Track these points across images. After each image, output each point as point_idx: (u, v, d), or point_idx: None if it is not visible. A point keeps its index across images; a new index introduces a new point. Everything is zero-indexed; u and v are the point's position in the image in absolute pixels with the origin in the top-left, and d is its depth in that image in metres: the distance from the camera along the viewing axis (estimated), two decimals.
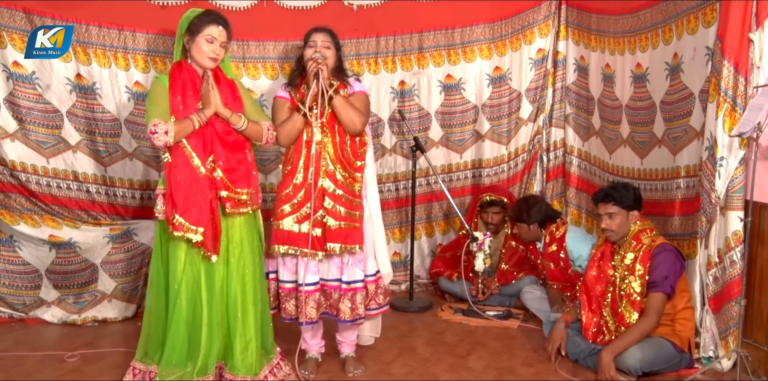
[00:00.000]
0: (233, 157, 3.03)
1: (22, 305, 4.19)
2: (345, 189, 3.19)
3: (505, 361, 3.55)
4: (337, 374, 3.40)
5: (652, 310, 3.26)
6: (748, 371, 3.17)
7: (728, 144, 3.25)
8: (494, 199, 4.52)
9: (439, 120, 4.81)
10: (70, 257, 4.16)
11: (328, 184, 3.17)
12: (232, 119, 3.00)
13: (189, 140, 2.92)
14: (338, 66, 3.31)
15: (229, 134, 3.02)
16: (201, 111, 2.94)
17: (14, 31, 3.96)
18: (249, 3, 4.29)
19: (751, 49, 3.20)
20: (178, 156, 2.92)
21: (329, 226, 3.16)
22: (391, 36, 4.60)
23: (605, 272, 3.47)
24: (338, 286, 3.26)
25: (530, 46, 4.79)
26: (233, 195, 3.01)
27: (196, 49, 2.97)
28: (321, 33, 3.25)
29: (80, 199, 4.23)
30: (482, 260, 4.12)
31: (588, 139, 4.72)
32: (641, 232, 3.39)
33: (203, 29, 2.95)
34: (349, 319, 3.26)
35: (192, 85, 2.98)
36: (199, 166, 2.93)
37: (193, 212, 2.91)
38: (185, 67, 3.01)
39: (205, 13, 3.02)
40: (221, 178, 2.98)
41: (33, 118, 4.07)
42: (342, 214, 3.17)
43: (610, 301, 3.42)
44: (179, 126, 2.88)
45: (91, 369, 3.47)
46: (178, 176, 2.91)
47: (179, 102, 2.93)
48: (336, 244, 3.16)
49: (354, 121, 3.19)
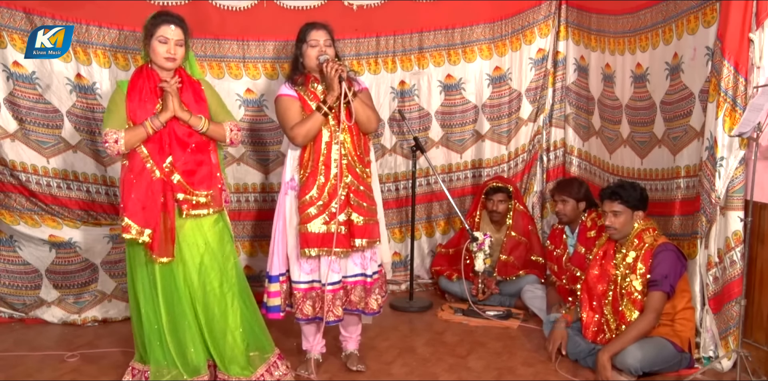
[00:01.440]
0: (193, 159, 3.03)
1: (22, 305, 4.19)
2: (364, 184, 3.24)
3: (505, 361, 3.55)
4: (337, 374, 3.40)
5: (651, 308, 3.26)
6: (748, 371, 3.17)
7: (728, 144, 3.25)
8: (500, 186, 4.53)
9: (439, 120, 4.81)
10: (70, 257, 4.16)
11: (351, 180, 3.19)
12: (191, 122, 2.99)
13: (145, 144, 2.94)
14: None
15: (190, 136, 3.02)
16: (156, 116, 2.93)
17: (14, 31, 3.96)
18: (249, 3, 4.29)
19: (751, 49, 3.20)
20: (134, 159, 2.94)
21: (356, 223, 3.19)
22: (391, 36, 4.60)
23: (607, 271, 3.47)
24: (363, 281, 3.30)
25: (530, 46, 4.79)
26: (190, 197, 3.00)
27: (152, 52, 2.96)
28: (321, 31, 3.22)
29: (80, 199, 4.23)
30: (482, 260, 4.12)
31: (588, 139, 4.72)
32: (644, 231, 3.39)
33: (156, 30, 2.94)
34: (376, 310, 3.34)
35: (150, 88, 2.97)
36: (153, 170, 2.95)
37: (141, 214, 2.92)
38: (145, 71, 3.00)
39: (156, 14, 3.00)
40: (179, 181, 2.98)
41: (33, 118, 4.07)
42: (365, 210, 3.22)
43: (611, 300, 3.42)
44: (130, 134, 2.89)
45: (91, 369, 3.48)
46: (130, 179, 2.94)
47: (136, 107, 2.93)
48: (363, 239, 3.20)
49: (371, 120, 3.23)
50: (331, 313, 3.22)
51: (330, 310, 3.22)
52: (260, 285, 3.45)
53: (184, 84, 3.03)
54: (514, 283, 4.38)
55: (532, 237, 4.55)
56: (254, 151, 4.45)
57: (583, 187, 4.15)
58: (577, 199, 4.12)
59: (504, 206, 4.53)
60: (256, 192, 4.51)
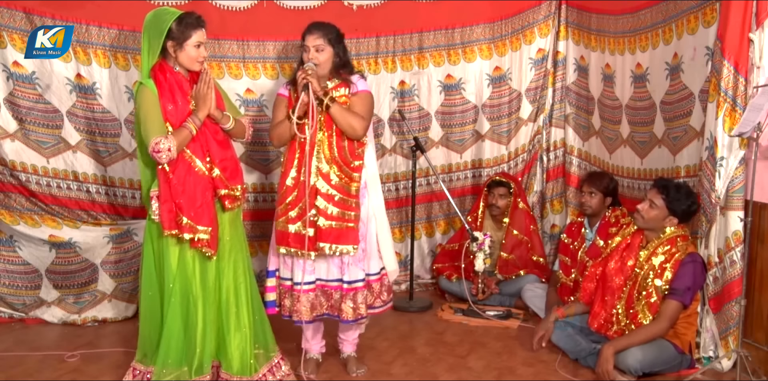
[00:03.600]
0: (227, 155, 3.07)
1: (22, 305, 4.19)
2: (340, 189, 3.17)
3: (505, 361, 3.55)
4: (337, 374, 3.40)
5: (666, 317, 3.24)
6: (748, 371, 3.17)
7: (728, 144, 3.25)
8: (502, 180, 4.54)
9: (439, 120, 4.81)
10: (70, 257, 4.16)
11: (322, 184, 3.15)
12: (223, 120, 3.02)
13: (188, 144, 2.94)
14: (339, 63, 3.24)
15: (217, 133, 3.05)
16: (194, 114, 2.93)
17: (14, 31, 3.96)
18: (249, 3, 4.29)
19: (751, 49, 3.20)
20: (179, 160, 2.91)
21: (320, 226, 3.14)
22: (391, 36, 4.60)
23: (626, 265, 3.43)
24: (339, 287, 3.25)
25: (530, 46, 4.79)
26: (230, 192, 3.03)
27: (185, 56, 2.93)
28: (313, 35, 3.17)
29: (80, 199, 4.23)
30: (482, 260, 4.12)
31: (588, 139, 4.72)
32: (679, 237, 3.34)
33: (190, 35, 2.90)
34: (351, 319, 3.25)
35: (180, 88, 2.95)
36: (201, 168, 2.95)
37: (200, 213, 2.93)
38: (169, 70, 2.96)
39: (185, 16, 2.93)
40: (218, 176, 3.00)
41: (33, 118, 4.07)
42: (334, 215, 3.15)
43: (626, 296, 3.39)
44: (179, 138, 2.87)
45: (91, 369, 3.48)
46: (180, 179, 2.91)
47: (172, 109, 2.91)
48: (326, 243, 3.14)
49: (354, 127, 3.15)
50: (295, 312, 3.23)
51: (296, 309, 3.22)
52: (260, 284, 3.45)
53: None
54: (515, 283, 4.38)
55: (533, 237, 4.54)
56: (254, 151, 4.45)
57: (613, 182, 4.14)
58: (605, 193, 4.10)
59: (504, 202, 4.53)
60: (256, 192, 4.51)
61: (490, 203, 4.56)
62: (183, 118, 2.92)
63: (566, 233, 4.36)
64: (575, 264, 4.14)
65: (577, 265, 4.12)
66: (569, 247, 4.26)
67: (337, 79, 3.24)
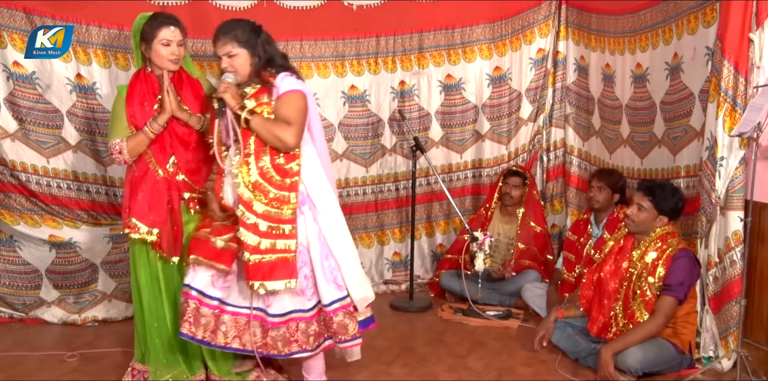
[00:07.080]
0: (196, 157, 3.05)
1: (22, 305, 4.19)
2: (268, 218, 2.72)
3: (505, 361, 3.55)
4: (336, 375, 3.40)
5: (661, 312, 3.24)
6: (748, 371, 3.17)
7: (728, 144, 3.25)
8: (518, 171, 4.57)
9: (439, 120, 4.81)
10: (70, 257, 4.16)
11: (245, 213, 2.71)
12: (190, 121, 3.01)
13: (149, 146, 2.97)
14: (261, 63, 2.80)
15: (191, 135, 3.04)
16: (154, 119, 2.95)
17: (14, 31, 3.96)
18: (249, 3, 4.29)
19: (751, 49, 3.20)
20: (138, 161, 2.99)
21: (246, 261, 2.70)
22: (391, 36, 4.60)
23: (621, 267, 3.44)
24: (261, 317, 2.82)
25: (530, 46, 4.79)
26: (196, 195, 3.04)
27: (156, 55, 2.96)
28: (219, 41, 2.76)
29: (80, 199, 4.23)
30: (482, 260, 4.12)
31: (588, 139, 4.72)
32: (668, 234, 3.34)
33: (156, 34, 2.93)
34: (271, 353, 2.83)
35: (149, 92, 2.99)
36: (156, 170, 2.97)
37: (147, 215, 2.95)
38: (142, 75, 3.00)
39: (152, 17, 2.98)
40: (183, 180, 3.01)
41: (33, 118, 4.07)
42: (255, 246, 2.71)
43: (623, 297, 3.39)
44: (132, 142, 2.93)
45: (91, 369, 3.48)
46: (138, 180, 2.97)
47: (138, 113, 2.96)
48: (257, 281, 2.70)
49: (281, 138, 2.70)
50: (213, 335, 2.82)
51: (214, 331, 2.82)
52: None
53: (183, 83, 3.04)
54: (515, 282, 4.38)
55: (545, 231, 4.56)
56: None
57: (622, 180, 4.14)
58: (614, 189, 4.10)
59: (518, 193, 4.54)
60: None
61: (504, 192, 4.56)
62: (146, 120, 2.96)
63: (572, 230, 4.37)
64: (579, 260, 4.15)
65: (582, 260, 4.13)
66: (574, 244, 4.26)
67: (257, 84, 2.83)
